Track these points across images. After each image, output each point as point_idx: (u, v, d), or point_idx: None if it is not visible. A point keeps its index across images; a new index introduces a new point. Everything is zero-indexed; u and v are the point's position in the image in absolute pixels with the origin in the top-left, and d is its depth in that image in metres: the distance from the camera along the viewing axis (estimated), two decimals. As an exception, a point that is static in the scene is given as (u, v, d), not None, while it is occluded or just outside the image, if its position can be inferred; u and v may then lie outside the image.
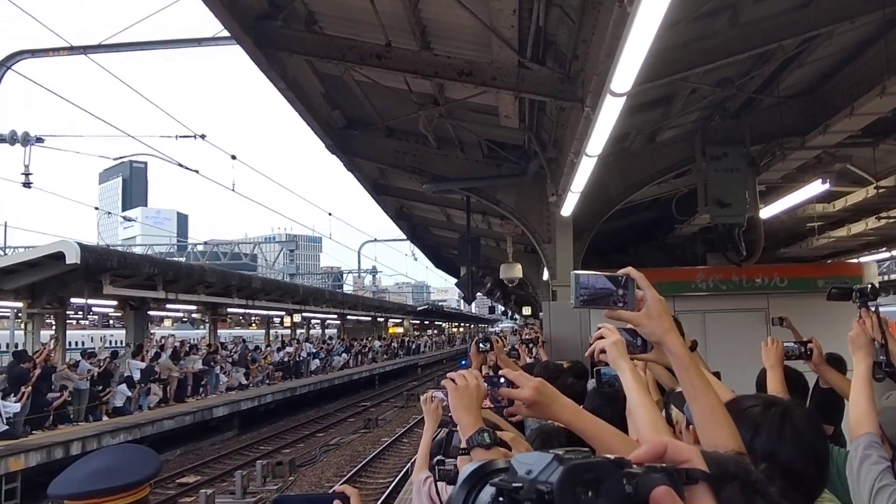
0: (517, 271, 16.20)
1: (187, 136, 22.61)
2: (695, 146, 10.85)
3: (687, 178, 11.95)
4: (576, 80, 7.64)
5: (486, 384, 2.15)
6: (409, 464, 17.17)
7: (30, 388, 17.21)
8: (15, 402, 16.83)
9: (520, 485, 0.74)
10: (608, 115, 6.12)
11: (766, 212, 11.59)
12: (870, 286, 3.25)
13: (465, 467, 0.83)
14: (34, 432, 17.15)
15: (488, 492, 0.77)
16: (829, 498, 2.06)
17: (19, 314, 20.87)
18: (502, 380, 2.16)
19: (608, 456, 0.78)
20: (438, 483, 3.35)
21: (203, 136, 22.83)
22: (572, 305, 1.74)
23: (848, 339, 3.00)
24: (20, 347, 19.90)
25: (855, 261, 18.66)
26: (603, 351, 2.24)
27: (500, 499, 0.75)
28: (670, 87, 8.89)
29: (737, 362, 5.26)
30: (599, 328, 2.26)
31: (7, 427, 16.38)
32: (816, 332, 4.27)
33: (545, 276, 13.66)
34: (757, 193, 11.03)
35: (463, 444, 2.20)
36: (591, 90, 6.31)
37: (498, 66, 8.12)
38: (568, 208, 10.19)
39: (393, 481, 16.63)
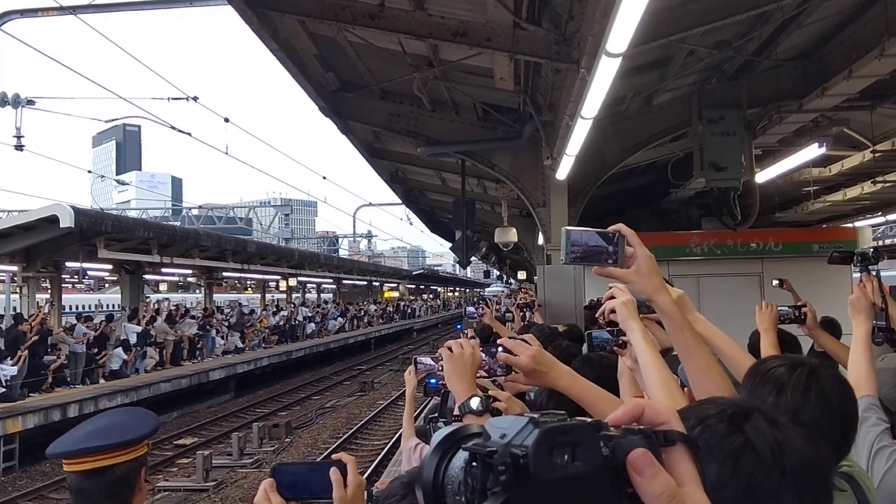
0: (512, 235, 16.19)
1: (180, 99, 22.38)
2: (691, 109, 10.79)
3: (683, 141, 11.89)
4: (571, 42, 7.54)
5: (482, 353, 2.15)
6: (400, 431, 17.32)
7: (26, 351, 17.27)
8: (12, 365, 16.90)
9: (493, 449, 0.72)
10: (604, 77, 6.05)
11: (762, 176, 11.55)
12: (871, 250, 3.25)
13: (437, 433, 0.80)
14: (31, 395, 17.27)
15: (461, 457, 0.75)
16: (851, 463, 2.05)
17: (14, 278, 20.87)
18: (500, 349, 2.16)
19: (584, 419, 0.76)
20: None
21: (196, 99, 22.61)
22: (562, 261, 1.71)
23: (848, 303, 3.00)
24: (17, 311, 19.94)
25: (850, 225, 18.67)
26: (613, 311, 2.23)
27: (474, 464, 0.73)
28: (667, 48, 8.79)
29: (731, 327, 5.24)
30: (611, 288, 2.25)
31: (4, 390, 16.47)
32: (811, 297, 4.27)
33: (540, 240, 13.65)
34: (753, 157, 11.00)
35: (456, 412, 2.20)
36: (587, 51, 6.23)
37: (493, 27, 8.01)
38: (563, 172, 10.13)
39: (388, 443, 16.80)
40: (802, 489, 1.13)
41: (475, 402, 2.02)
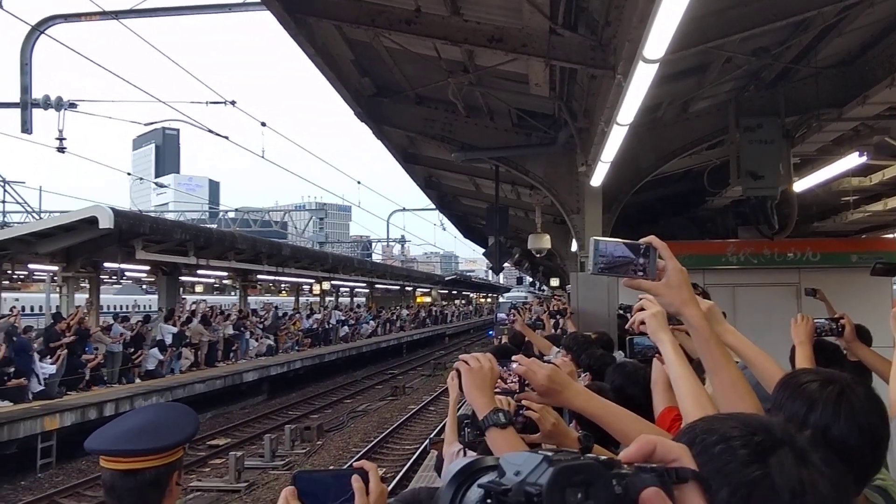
0: (545, 242, 16.11)
1: (218, 103, 22.68)
2: (728, 117, 10.64)
3: (719, 149, 11.74)
4: (608, 48, 7.50)
5: (499, 367, 2.15)
6: (434, 432, 17.32)
7: (65, 349, 17.60)
8: (51, 363, 17.24)
9: (508, 487, 0.73)
10: (640, 83, 6.00)
11: (800, 185, 11.36)
12: None
13: (453, 464, 0.82)
14: (69, 393, 17.59)
15: (476, 492, 0.76)
16: (884, 477, 2.01)
17: (55, 277, 21.28)
18: (514, 365, 2.16)
19: (598, 457, 0.77)
20: (468, 452, 3.37)
21: (233, 103, 22.88)
22: (590, 272, 1.71)
23: (892, 317, 2.94)
24: (56, 310, 20.34)
25: (890, 236, 18.27)
26: (643, 322, 2.22)
27: (488, 501, 0.75)
28: (704, 55, 8.70)
29: (767, 338, 5.16)
30: (640, 299, 2.24)
31: (43, 387, 16.79)
32: (849, 309, 4.20)
33: (573, 247, 13.57)
34: (791, 166, 10.81)
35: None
36: (623, 57, 6.19)
37: (528, 33, 8.00)
38: (598, 179, 10.08)
39: (419, 448, 16.80)
40: None
41: (501, 416, 2.02)
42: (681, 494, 0.80)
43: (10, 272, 25.97)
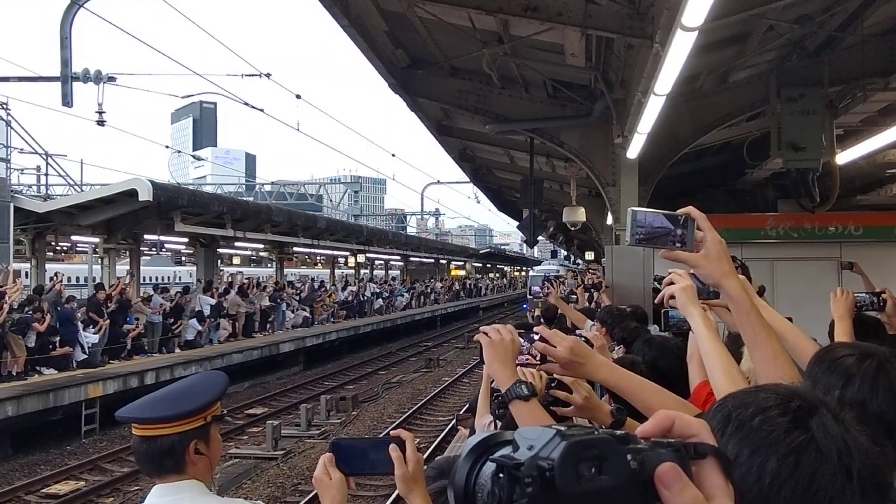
0: (580, 215, 15.99)
1: (253, 75, 22.76)
2: (769, 87, 10.40)
3: (760, 120, 11.51)
4: (645, 16, 7.36)
5: (520, 340, 2.12)
6: (463, 408, 17.43)
7: (107, 320, 18.00)
8: (94, 333, 17.65)
9: (520, 461, 0.73)
10: (678, 52, 5.89)
11: (843, 157, 11.08)
12: None
13: (470, 439, 0.82)
14: (111, 362, 18.01)
15: (490, 467, 0.76)
16: None
17: (96, 249, 21.71)
18: (537, 336, 2.13)
19: (613, 431, 0.76)
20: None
21: (269, 75, 22.97)
22: (628, 243, 1.68)
23: None
24: (98, 281, 20.78)
25: (937, 210, 17.80)
26: (672, 297, 2.19)
27: (501, 475, 0.74)
28: (746, 23, 8.48)
29: (806, 312, 5.09)
30: (670, 273, 2.21)
31: (87, 356, 17.21)
32: (892, 283, 4.11)
33: (609, 220, 13.46)
34: (834, 137, 10.55)
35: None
36: (662, 25, 6.07)
37: (564, 2, 7.86)
38: (634, 151, 9.95)
39: (452, 420, 16.92)
40: (868, 494, 1.05)
41: (524, 388, 2.00)
42: (699, 470, 0.79)
43: (53, 243, 26.60)
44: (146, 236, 22.50)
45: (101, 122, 21.25)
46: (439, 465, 2.23)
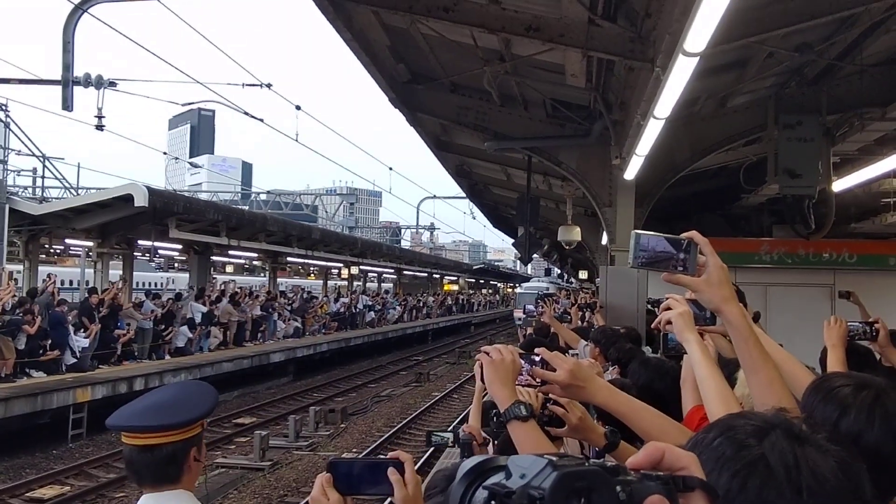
0: (576, 234, 16.03)
1: (254, 85, 22.79)
2: (767, 113, 10.46)
3: (757, 146, 11.56)
4: (647, 40, 7.41)
5: (521, 361, 2.13)
6: (457, 420, 17.37)
7: (98, 324, 17.92)
8: (84, 337, 17.57)
9: (512, 490, 0.74)
10: (679, 76, 5.93)
11: (839, 184, 11.14)
12: None
13: (465, 462, 0.83)
14: (101, 367, 17.92)
15: (482, 493, 0.78)
16: None
17: (90, 253, 21.65)
18: (537, 358, 2.14)
19: (604, 463, 0.78)
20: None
21: (269, 86, 23.00)
22: (630, 265, 1.69)
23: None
24: (90, 285, 20.70)
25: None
26: (669, 322, 2.19)
27: (492, 502, 0.75)
28: (746, 50, 8.54)
29: (799, 338, 5.11)
30: (667, 298, 2.22)
31: (76, 360, 17.12)
32: (884, 313, 4.12)
33: (604, 240, 13.48)
34: (830, 165, 10.61)
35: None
36: (663, 49, 6.11)
37: (567, 23, 7.92)
38: (631, 172, 9.98)
39: (441, 435, 16.85)
40: None
41: (522, 409, 2.01)
42: (687, 503, 0.80)
43: (47, 246, 26.51)
44: (140, 242, 22.45)
45: (100, 127, 21.21)
46: (447, 473, 2.20)
